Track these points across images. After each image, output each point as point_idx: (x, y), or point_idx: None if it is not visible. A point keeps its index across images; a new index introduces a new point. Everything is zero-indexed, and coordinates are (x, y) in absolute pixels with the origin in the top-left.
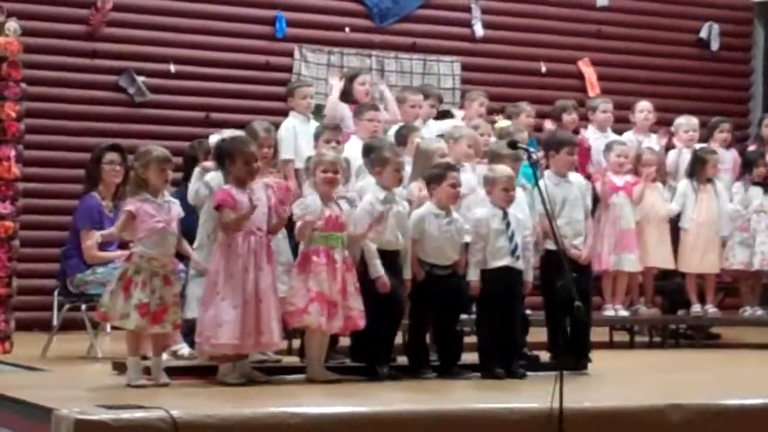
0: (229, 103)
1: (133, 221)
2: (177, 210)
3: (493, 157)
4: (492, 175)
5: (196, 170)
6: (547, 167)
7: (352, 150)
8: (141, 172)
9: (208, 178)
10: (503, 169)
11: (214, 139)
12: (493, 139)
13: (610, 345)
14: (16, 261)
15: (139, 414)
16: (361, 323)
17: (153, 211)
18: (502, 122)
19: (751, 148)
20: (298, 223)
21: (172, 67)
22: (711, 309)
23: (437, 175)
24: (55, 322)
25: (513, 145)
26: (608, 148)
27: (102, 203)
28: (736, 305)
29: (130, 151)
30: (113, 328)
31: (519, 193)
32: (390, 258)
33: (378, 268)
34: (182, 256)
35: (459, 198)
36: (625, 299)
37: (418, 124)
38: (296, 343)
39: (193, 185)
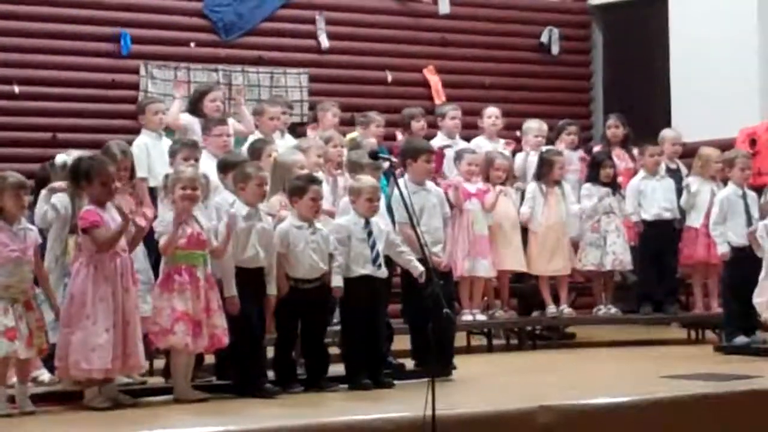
0: (75, 123)
1: None
2: (34, 237)
3: (354, 168)
4: (357, 186)
5: (43, 192)
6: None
7: (204, 166)
8: None
9: (55, 200)
10: (368, 180)
11: (61, 159)
12: (345, 150)
13: (468, 349)
14: None
15: None
16: (225, 340)
17: (7, 239)
18: (351, 134)
19: (597, 148)
20: (162, 241)
21: (16, 88)
22: (566, 309)
23: (299, 187)
24: None
25: (374, 155)
26: (459, 156)
27: None
28: (589, 304)
29: None
30: None
31: (381, 203)
32: (252, 275)
33: (231, 288)
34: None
35: (320, 211)
36: (482, 303)
37: (276, 136)
38: (158, 363)
39: (40, 207)
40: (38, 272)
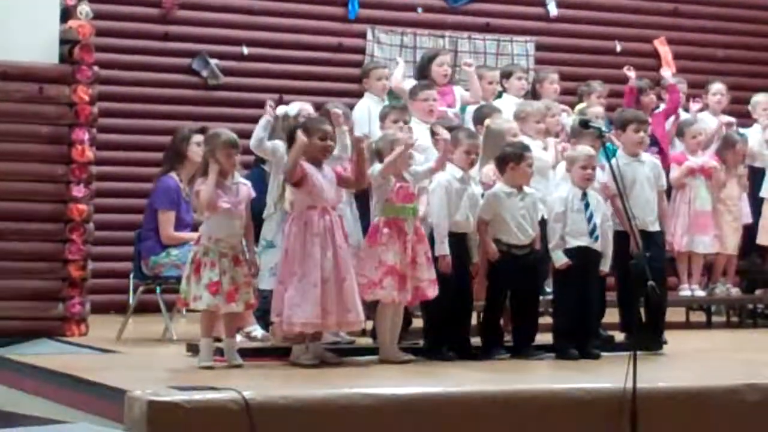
0: (302, 85)
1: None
2: (246, 191)
3: (575, 136)
4: (572, 154)
5: (264, 119)
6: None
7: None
8: (208, 155)
9: (279, 144)
10: (583, 149)
11: (282, 110)
12: (564, 118)
13: (687, 325)
14: (90, 244)
15: (211, 395)
16: (431, 293)
17: (220, 192)
18: (581, 104)
19: None
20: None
21: (245, 50)
22: None
23: (514, 154)
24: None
25: (585, 124)
26: (680, 131)
27: (180, 185)
28: None
29: None
30: (188, 310)
31: (599, 173)
32: (458, 240)
33: (444, 248)
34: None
35: (531, 177)
36: (702, 279)
37: (511, 99)
38: (370, 324)
39: (259, 133)
40: (247, 225)
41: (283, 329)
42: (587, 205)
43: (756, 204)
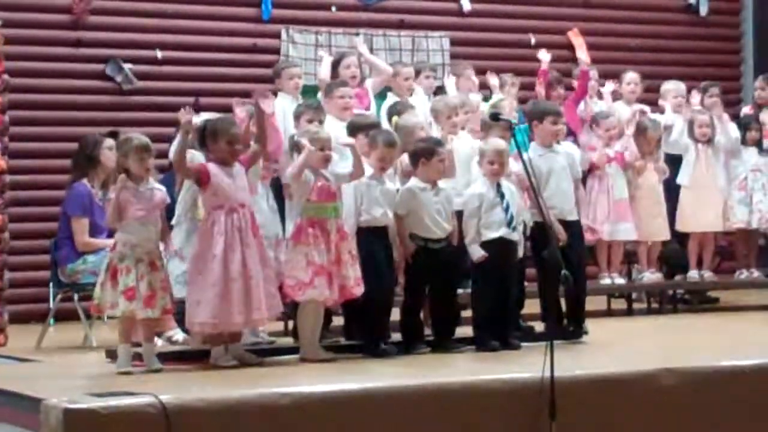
0: (217, 87)
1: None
2: (161, 196)
3: (485, 129)
4: (482, 149)
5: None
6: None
7: (328, 128)
8: (121, 160)
9: (189, 157)
10: (492, 143)
11: (198, 121)
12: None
13: (609, 313)
14: (6, 254)
15: (128, 401)
16: (357, 291)
17: (133, 198)
18: (494, 97)
19: (746, 110)
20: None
21: (159, 53)
22: (707, 273)
23: (427, 149)
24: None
25: (495, 117)
26: (594, 122)
27: (92, 191)
28: (734, 269)
29: None
30: (109, 317)
31: (512, 165)
32: (379, 234)
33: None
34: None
35: (445, 173)
36: (622, 267)
37: (421, 97)
38: (291, 324)
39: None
40: (162, 229)
41: (194, 330)
42: (502, 196)
43: (675, 191)
